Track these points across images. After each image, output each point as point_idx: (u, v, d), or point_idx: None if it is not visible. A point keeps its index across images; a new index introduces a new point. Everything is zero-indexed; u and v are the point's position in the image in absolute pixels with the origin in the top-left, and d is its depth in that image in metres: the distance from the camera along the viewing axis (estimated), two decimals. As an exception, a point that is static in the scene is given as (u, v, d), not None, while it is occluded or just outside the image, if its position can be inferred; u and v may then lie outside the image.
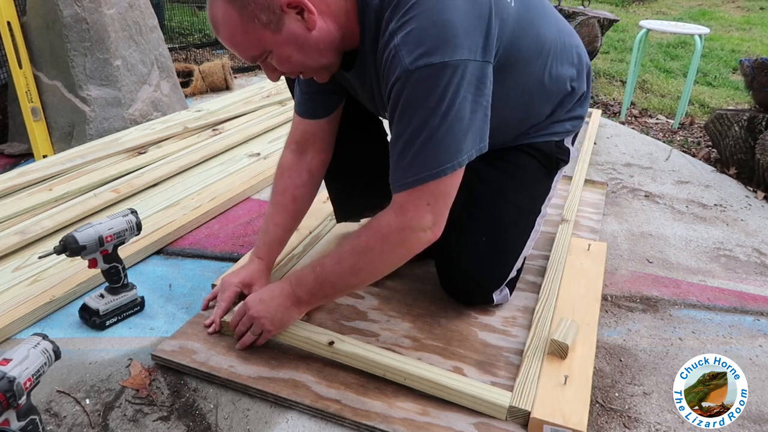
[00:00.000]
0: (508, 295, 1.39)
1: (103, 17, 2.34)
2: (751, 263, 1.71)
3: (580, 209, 1.90)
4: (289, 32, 0.98)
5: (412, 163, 1.02)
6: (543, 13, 1.19)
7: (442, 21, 0.94)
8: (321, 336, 1.21)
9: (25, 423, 0.92)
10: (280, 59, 1.02)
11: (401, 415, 1.09)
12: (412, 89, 0.97)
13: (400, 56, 0.95)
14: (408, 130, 1.00)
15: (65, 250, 1.22)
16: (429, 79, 0.95)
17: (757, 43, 5.03)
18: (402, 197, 1.05)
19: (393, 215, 1.06)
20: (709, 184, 2.25)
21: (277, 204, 1.35)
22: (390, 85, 1.00)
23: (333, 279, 1.15)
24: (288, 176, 1.34)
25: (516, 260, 1.34)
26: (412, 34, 0.95)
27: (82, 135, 2.36)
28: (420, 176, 1.01)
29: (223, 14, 0.96)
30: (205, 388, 1.17)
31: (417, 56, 0.94)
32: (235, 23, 0.96)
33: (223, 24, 0.97)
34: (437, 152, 1.00)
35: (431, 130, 0.99)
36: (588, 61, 1.37)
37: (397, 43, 0.96)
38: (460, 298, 1.39)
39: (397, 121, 1.02)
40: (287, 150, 1.36)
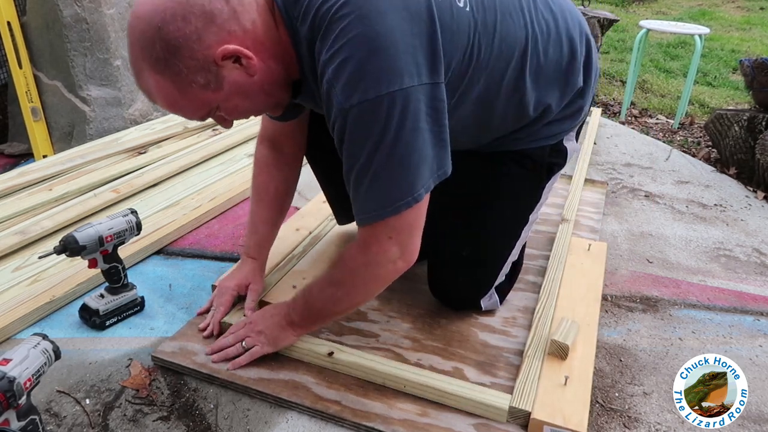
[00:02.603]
0: (497, 302, 1.37)
1: (103, 17, 2.34)
2: (751, 263, 1.71)
3: (580, 209, 1.90)
4: (231, 84, 0.92)
5: (367, 200, 0.97)
6: (504, 10, 1.06)
7: (374, 49, 0.86)
8: (320, 347, 1.21)
9: (25, 423, 0.92)
10: (228, 111, 0.97)
11: (401, 416, 1.09)
12: (351, 127, 0.91)
13: (334, 94, 0.89)
14: (356, 167, 0.95)
15: (65, 250, 1.22)
16: (367, 115, 0.89)
17: (757, 43, 5.03)
18: (364, 232, 1.01)
19: (358, 251, 1.04)
20: (709, 184, 2.25)
21: (262, 201, 1.34)
22: (331, 121, 0.94)
23: (318, 306, 1.15)
24: (268, 172, 1.32)
25: (501, 267, 1.32)
26: (342, 67, 0.87)
27: (82, 135, 2.36)
28: (376, 213, 0.97)
29: (156, 86, 0.90)
30: (205, 388, 1.17)
31: (350, 93, 0.88)
32: (171, 92, 0.91)
33: (159, 95, 0.92)
34: (388, 189, 0.95)
35: (377, 168, 0.93)
36: (589, 46, 1.22)
37: (329, 78, 0.89)
38: (448, 305, 1.38)
39: (344, 157, 0.97)
40: (261, 146, 1.33)
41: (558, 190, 2.03)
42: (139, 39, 0.88)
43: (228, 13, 0.88)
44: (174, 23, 0.85)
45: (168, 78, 0.89)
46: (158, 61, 0.87)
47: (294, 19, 0.93)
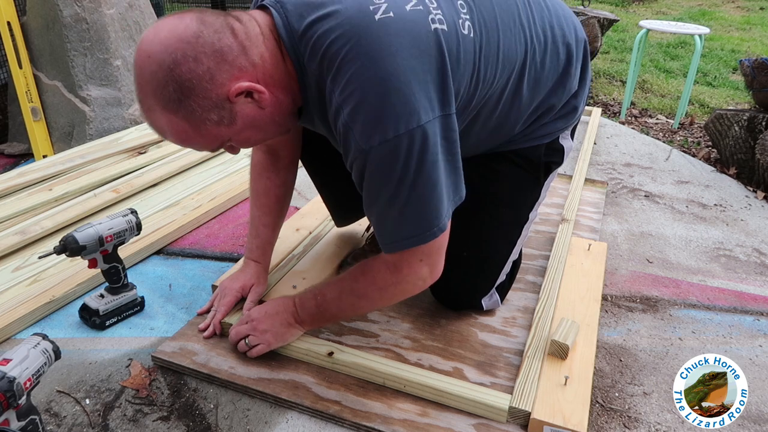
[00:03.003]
0: (498, 301, 1.38)
1: (103, 17, 2.34)
2: (751, 263, 1.71)
3: (580, 209, 1.90)
4: (244, 118, 0.93)
5: (394, 231, 1.00)
6: (507, 25, 1.07)
7: (388, 90, 0.87)
8: (320, 347, 1.21)
9: (25, 423, 0.92)
10: (239, 142, 0.99)
11: (401, 416, 1.09)
12: (373, 166, 0.93)
13: (352, 136, 0.90)
14: (379, 203, 0.97)
15: (65, 250, 1.22)
16: (388, 154, 0.90)
17: (757, 43, 5.03)
18: (394, 257, 1.04)
19: (388, 272, 1.05)
20: (709, 184, 2.25)
21: (263, 206, 1.34)
22: (350, 161, 0.96)
23: (332, 311, 1.17)
24: (267, 177, 1.33)
25: (502, 267, 1.32)
26: (358, 110, 0.88)
27: (82, 135, 2.36)
28: (406, 241, 1.00)
29: (169, 124, 0.90)
30: (205, 388, 1.17)
31: (369, 135, 0.89)
32: (184, 130, 0.91)
33: (172, 133, 0.92)
34: (415, 222, 0.98)
35: (402, 203, 0.95)
36: (585, 50, 1.26)
37: (345, 121, 0.90)
38: (448, 305, 1.38)
39: (366, 192, 0.99)
40: (258, 151, 1.33)
41: (558, 190, 2.03)
42: (149, 80, 0.87)
43: (237, 49, 0.88)
44: (186, 64, 0.85)
45: (182, 117, 0.89)
46: (171, 101, 0.87)
47: (300, 55, 0.93)
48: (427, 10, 0.93)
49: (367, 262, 1.11)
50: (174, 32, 0.85)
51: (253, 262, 1.36)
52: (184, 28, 0.86)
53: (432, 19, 0.92)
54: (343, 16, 0.89)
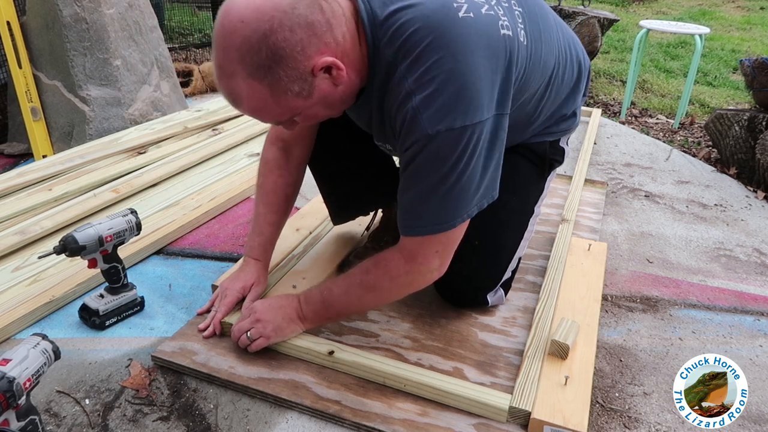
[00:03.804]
0: (503, 297, 1.38)
1: (103, 17, 2.34)
2: (751, 263, 1.71)
3: (580, 209, 1.90)
4: (320, 93, 0.96)
5: (424, 216, 1.04)
6: (547, 38, 1.16)
7: (464, 84, 0.93)
8: (321, 346, 1.21)
9: (25, 423, 0.92)
10: (306, 118, 1.01)
11: (401, 415, 1.09)
12: (430, 152, 0.97)
13: (420, 120, 0.94)
14: (422, 187, 1.01)
15: (65, 250, 1.22)
16: (449, 143, 0.95)
17: (757, 43, 5.03)
18: (412, 243, 1.07)
19: (402, 260, 1.09)
20: (709, 184, 2.25)
21: (270, 204, 1.34)
22: (407, 144, 0.99)
23: (339, 306, 1.18)
24: (279, 174, 1.33)
25: (510, 261, 1.33)
26: (433, 97, 0.93)
27: (81, 135, 2.36)
28: (431, 227, 1.04)
29: (249, 91, 0.91)
30: (205, 389, 1.17)
31: (438, 121, 0.94)
32: (264, 98, 0.92)
33: (250, 100, 0.93)
34: (450, 209, 1.03)
35: (446, 191, 1.00)
36: (588, 62, 1.36)
37: (416, 105, 0.94)
38: (454, 301, 1.38)
39: (412, 176, 1.02)
40: (273, 146, 1.33)
41: (558, 190, 2.03)
42: (239, 45, 0.87)
43: (325, 25, 0.91)
44: (282, 32, 0.87)
45: (266, 85, 0.90)
46: (259, 68, 0.88)
47: (378, 39, 0.97)
48: (497, 16, 0.99)
49: (379, 254, 1.13)
50: (269, 1, 0.87)
51: (253, 261, 1.36)
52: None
53: (501, 25, 0.99)
54: (428, 10, 0.94)
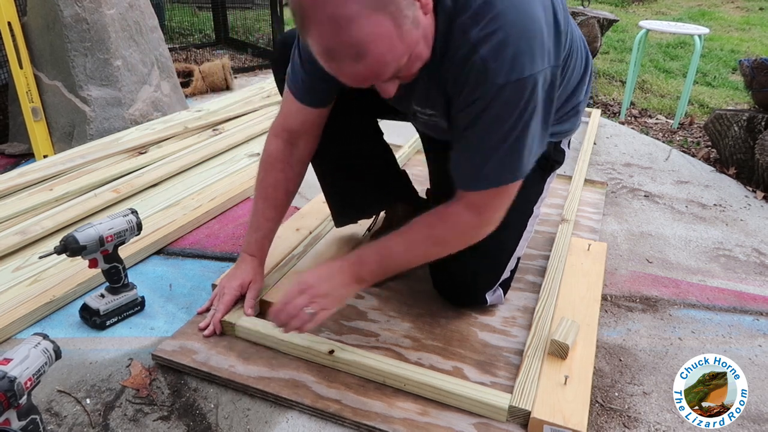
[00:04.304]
0: (501, 296, 1.38)
1: (104, 17, 2.34)
2: (751, 263, 1.71)
3: (580, 209, 1.90)
4: (422, 23, 0.89)
5: (492, 169, 1.03)
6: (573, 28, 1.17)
7: (529, 32, 0.93)
8: (321, 345, 1.21)
9: (26, 423, 0.92)
10: (413, 60, 0.92)
11: (401, 415, 1.09)
12: (501, 102, 0.96)
13: (489, 69, 0.93)
14: (493, 138, 1.01)
15: (66, 250, 1.22)
16: (518, 92, 0.95)
17: (757, 44, 5.03)
18: (479, 197, 1.07)
19: (470, 214, 1.09)
20: (709, 184, 2.25)
21: (269, 198, 1.31)
22: (473, 97, 0.98)
23: (399, 262, 1.15)
24: (281, 169, 1.29)
25: (508, 261, 1.33)
26: (501, 48, 0.92)
27: (82, 135, 2.36)
28: (499, 180, 1.05)
29: (375, 29, 0.81)
30: (205, 388, 1.17)
31: (507, 71, 0.93)
32: (390, 34, 0.83)
33: (377, 40, 0.82)
34: (517, 160, 1.03)
35: (514, 140, 1.00)
36: (591, 59, 1.35)
37: (484, 56, 0.92)
38: (453, 300, 1.38)
39: (478, 129, 1.01)
40: (277, 139, 1.28)
41: (558, 191, 2.04)
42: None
43: None
44: None
45: (387, 15, 0.81)
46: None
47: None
48: None
49: (439, 209, 1.11)
50: None
51: (249, 257, 1.34)
52: None
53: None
54: None
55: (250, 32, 4.57)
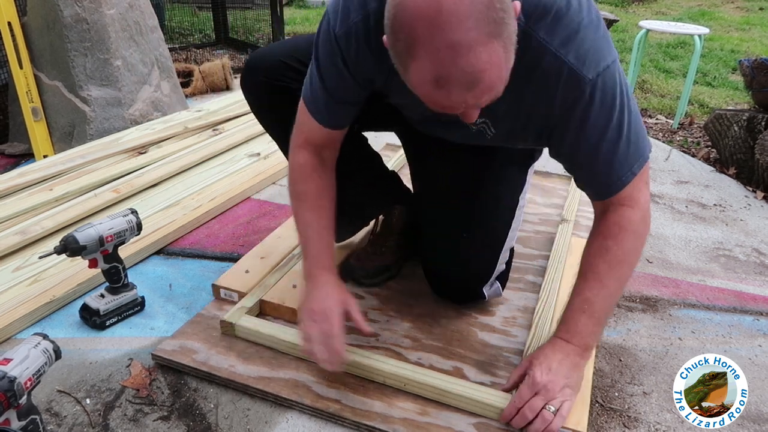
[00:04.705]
0: (499, 289, 1.37)
1: (104, 17, 2.34)
2: (751, 263, 1.71)
3: (580, 209, 1.90)
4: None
5: (625, 159, 1.02)
6: None
7: (598, 25, 0.95)
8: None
9: (26, 423, 0.92)
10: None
11: (401, 415, 1.09)
12: (599, 96, 0.95)
13: (579, 72, 0.93)
14: (609, 135, 0.99)
15: (66, 250, 1.22)
16: (610, 80, 0.95)
17: (757, 44, 5.03)
18: (627, 191, 1.05)
19: (631, 211, 1.06)
20: (709, 184, 2.25)
21: (320, 208, 1.20)
22: (568, 103, 0.97)
23: (608, 306, 1.09)
24: (319, 177, 1.20)
25: (500, 252, 1.31)
26: (582, 48, 0.92)
27: (82, 135, 2.36)
28: (636, 166, 1.03)
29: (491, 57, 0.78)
30: (205, 388, 1.17)
31: (594, 66, 0.93)
32: (501, 59, 0.80)
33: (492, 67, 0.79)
34: (639, 139, 1.02)
35: (627, 126, 1.00)
36: None
37: (571, 61, 0.92)
38: (451, 297, 1.38)
39: (589, 133, 0.99)
40: (304, 151, 1.19)
41: (558, 190, 2.04)
42: (471, 7, 0.75)
43: None
44: None
45: (501, 42, 0.79)
46: (496, 23, 0.77)
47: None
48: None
49: (599, 230, 1.09)
50: None
51: (325, 272, 1.17)
52: None
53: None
54: None
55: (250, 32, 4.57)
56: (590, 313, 1.07)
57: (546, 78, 0.95)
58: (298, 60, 1.26)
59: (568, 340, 1.08)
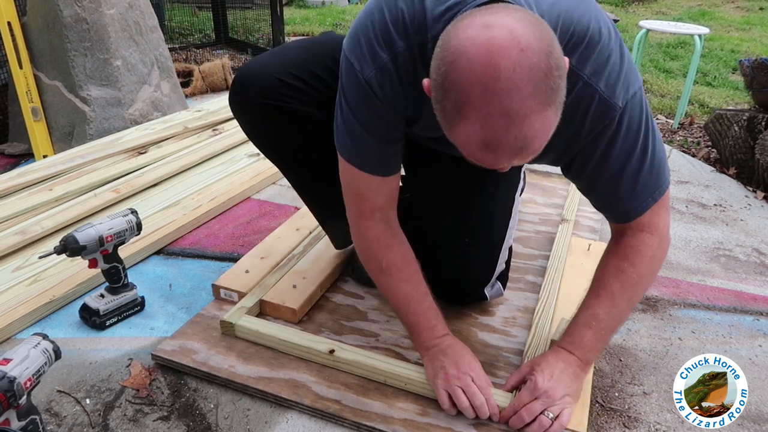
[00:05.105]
0: (500, 289, 1.38)
1: (103, 17, 2.34)
2: (751, 263, 1.71)
3: (580, 209, 1.90)
4: None
5: (647, 186, 1.02)
6: None
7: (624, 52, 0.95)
8: (321, 345, 1.21)
9: (26, 423, 0.92)
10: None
11: (401, 415, 1.09)
12: (626, 123, 0.96)
13: (610, 101, 0.93)
14: (634, 160, 0.99)
15: (65, 250, 1.22)
16: (637, 107, 0.96)
17: (757, 44, 5.03)
18: (648, 217, 1.05)
19: (649, 237, 1.06)
20: (709, 184, 2.25)
21: (413, 276, 1.15)
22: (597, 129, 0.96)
23: (613, 324, 1.10)
24: (398, 245, 1.15)
25: (499, 251, 1.31)
26: (611, 76, 0.92)
27: (82, 135, 2.36)
28: (657, 192, 1.03)
29: (543, 125, 0.76)
30: (205, 388, 1.17)
31: (624, 93, 0.94)
32: (551, 125, 0.78)
33: (542, 133, 0.77)
34: (662, 166, 1.03)
35: (652, 150, 1.00)
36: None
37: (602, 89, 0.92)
38: (452, 300, 1.37)
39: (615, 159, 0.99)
40: (372, 221, 1.12)
41: (558, 190, 2.04)
42: (530, 75, 0.72)
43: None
44: (555, 42, 0.76)
45: (554, 108, 0.76)
46: (552, 90, 0.75)
47: None
48: None
49: (615, 250, 1.09)
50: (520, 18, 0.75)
51: (448, 337, 1.15)
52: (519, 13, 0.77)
53: None
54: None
55: (250, 32, 4.56)
56: (597, 330, 1.07)
57: (576, 105, 0.93)
58: (295, 76, 1.19)
59: (571, 351, 1.09)
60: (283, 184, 2.10)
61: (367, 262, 1.17)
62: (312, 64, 1.19)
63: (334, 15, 6.02)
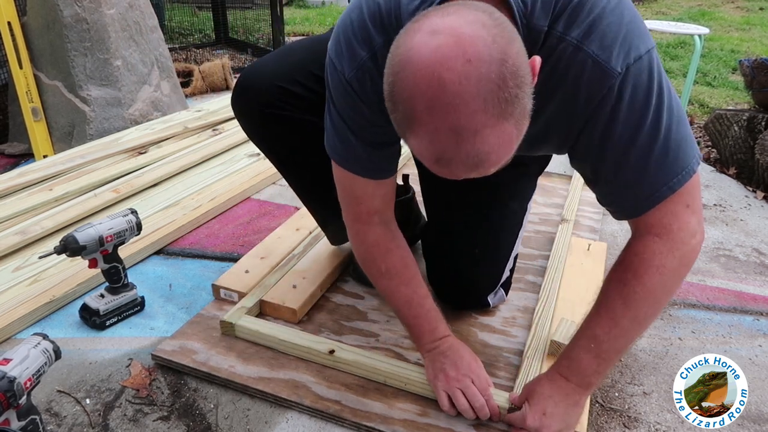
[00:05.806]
0: (503, 296, 1.38)
1: (104, 17, 2.34)
2: (751, 263, 1.71)
3: (580, 209, 1.90)
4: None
5: (659, 170, 0.85)
6: None
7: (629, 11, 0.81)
8: (321, 345, 1.21)
9: (26, 423, 0.92)
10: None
11: (401, 416, 1.09)
12: (632, 91, 0.80)
13: (603, 63, 0.79)
14: (641, 140, 0.83)
15: (65, 250, 1.22)
16: (644, 73, 0.80)
17: (757, 44, 5.03)
18: (657, 215, 0.87)
19: (658, 241, 0.88)
20: (709, 184, 2.25)
21: (413, 279, 1.12)
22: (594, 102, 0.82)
23: (618, 345, 0.96)
24: (397, 248, 1.12)
25: (507, 260, 1.32)
26: (607, 36, 0.78)
27: (82, 135, 2.36)
28: (672, 182, 0.85)
29: (499, 139, 0.68)
30: (205, 388, 1.17)
31: (623, 55, 0.79)
32: (511, 139, 0.69)
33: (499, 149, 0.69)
34: (682, 147, 0.84)
35: (666, 129, 0.83)
36: None
37: (593, 51, 0.79)
38: (455, 306, 1.37)
39: (618, 139, 0.84)
40: (368, 225, 1.09)
41: (558, 190, 2.04)
42: (478, 88, 0.64)
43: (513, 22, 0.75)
44: (512, 47, 0.67)
45: (513, 120, 0.67)
46: (507, 102, 0.66)
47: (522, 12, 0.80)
48: None
49: (619, 261, 0.94)
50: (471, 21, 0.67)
51: (450, 338, 1.13)
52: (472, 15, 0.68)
53: None
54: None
55: (250, 32, 4.56)
56: (596, 353, 0.96)
57: (566, 74, 0.81)
58: (296, 81, 1.17)
59: (568, 378, 0.99)
60: (283, 184, 2.10)
61: (366, 265, 1.14)
62: (312, 64, 1.19)
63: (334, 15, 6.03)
